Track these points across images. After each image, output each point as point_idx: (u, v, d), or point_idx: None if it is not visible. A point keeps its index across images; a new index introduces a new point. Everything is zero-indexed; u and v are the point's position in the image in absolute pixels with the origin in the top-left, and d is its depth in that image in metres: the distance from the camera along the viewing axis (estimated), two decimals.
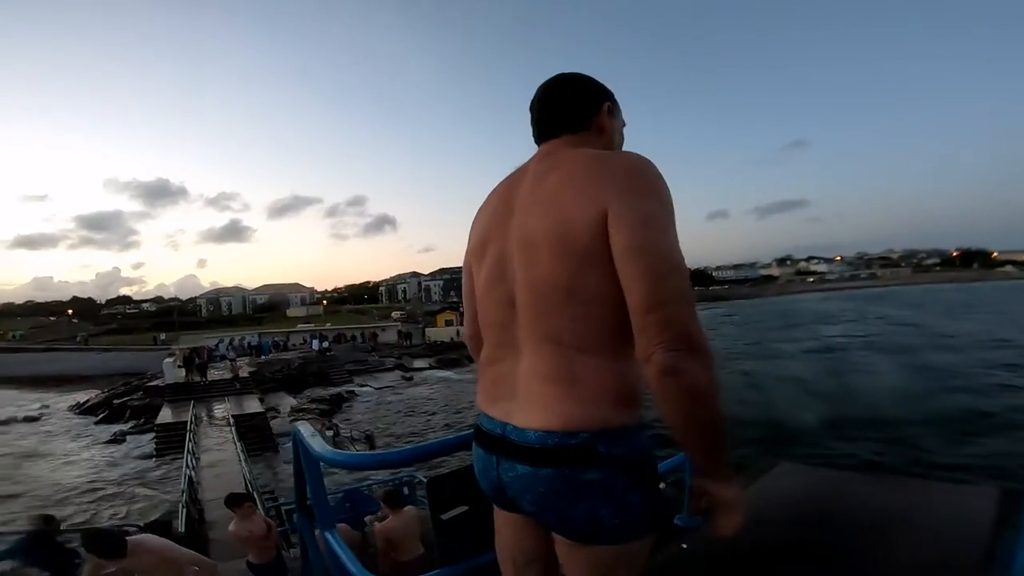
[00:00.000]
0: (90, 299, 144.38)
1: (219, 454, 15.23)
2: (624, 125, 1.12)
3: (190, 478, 11.13)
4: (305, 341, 37.13)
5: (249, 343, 35.33)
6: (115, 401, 26.42)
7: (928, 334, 33.91)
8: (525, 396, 0.94)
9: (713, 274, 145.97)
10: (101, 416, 25.21)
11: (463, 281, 1.20)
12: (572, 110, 1.04)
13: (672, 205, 0.88)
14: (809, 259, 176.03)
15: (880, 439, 12.63)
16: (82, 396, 30.16)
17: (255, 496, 8.76)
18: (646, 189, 0.86)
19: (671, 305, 0.79)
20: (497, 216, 1.04)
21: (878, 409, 15.30)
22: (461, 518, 1.63)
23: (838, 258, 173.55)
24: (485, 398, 1.05)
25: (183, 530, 7.88)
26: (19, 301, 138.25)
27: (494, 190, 1.11)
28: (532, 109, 1.09)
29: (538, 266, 0.92)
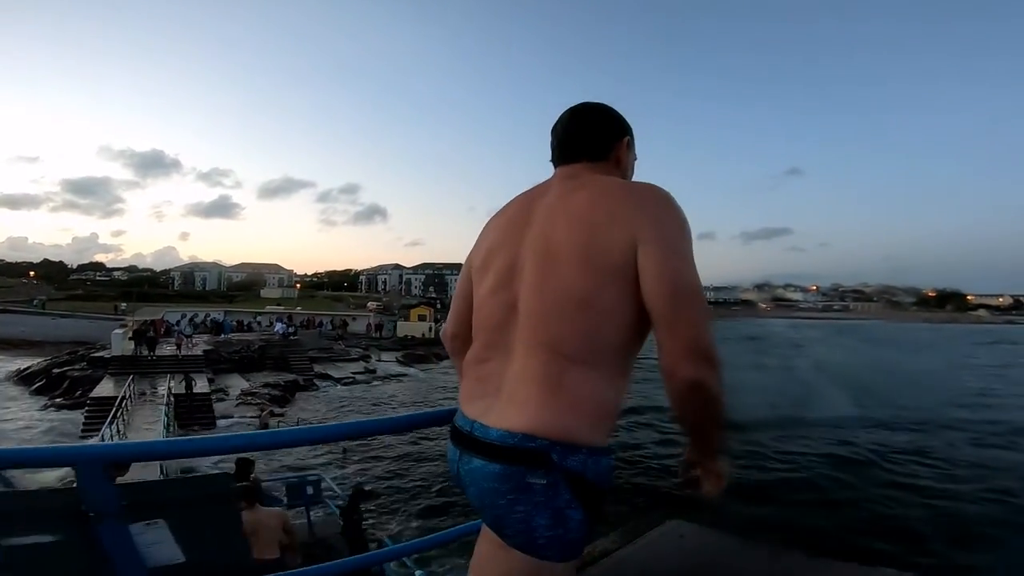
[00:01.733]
0: (61, 263, 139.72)
1: (147, 433, 14.25)
2: (636, 159, 1.17)
3: None
4: (271, 323, 35.78)
5: (213, 320, 33.89)
6: (55, 370, 24.92)
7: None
8: (507, 397, 0.95)
9: None
10: (38, 385, 23.78)
11: (459, 280, 1.20)
12: (595, 138, 1.11)
13: (691, 236, 0.96)
14: (786, 286, 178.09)
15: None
16: (24, 363, 28.50)
17: None
18: (675, 222, 0.95)
19: (697, 327, 0.87)
20: (513, 225, 1.07)
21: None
22: None
23: (813, 288, 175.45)
24: (466, 395, 1.05)
25: None
26: None
27: (512, 200, 1.14)
28: (554, 132, 1.15)
29: (556, 275, 0.95)
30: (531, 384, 0.92)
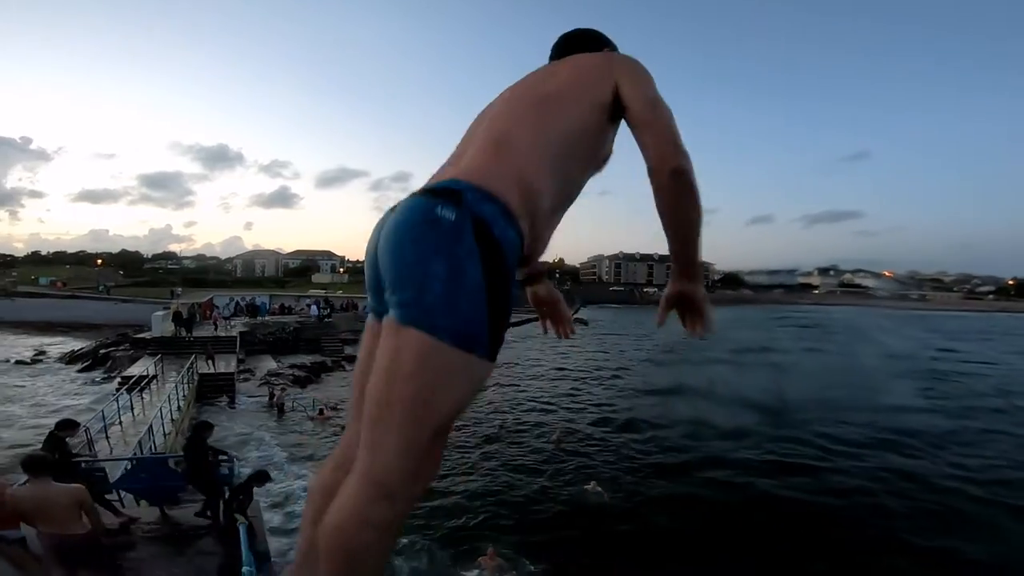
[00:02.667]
0: (137, 252, 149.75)
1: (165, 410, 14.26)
2: None
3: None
4: (308, 307, 36.19)
5: (250, 303, 34.59)
6: (101, 351, 26.05)
7: None
8: (453, 162, 1.01)
9: (745, 278, 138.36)
10: (85, 365, 24.91)
11: None
12: (585, 46, 1.21)
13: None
14: (856, 272, 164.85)
15: None
16: (79, 344, 30.05)
17: None
18: (649, 77, 1.07)
19: (673, 128, 1.00)
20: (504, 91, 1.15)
21: None
22: None
23: (888, 274, 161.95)
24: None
25: None
26: (72, 250, 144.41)
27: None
28: (552, 46, 1.27)
29: (535, 88, 1.07)
30: (476, 152, 0.96)
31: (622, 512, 9.84)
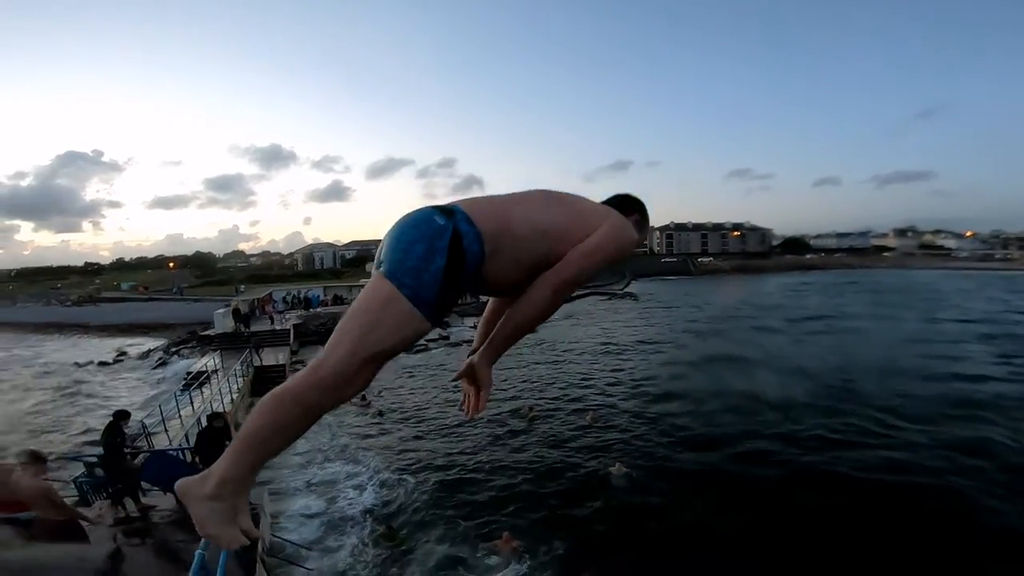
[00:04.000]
0: (210, 253, 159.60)
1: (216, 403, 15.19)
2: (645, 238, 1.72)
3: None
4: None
5: (304, 296, 36.08)
6: (172, 349, 28.03)
7: None
8: (472, 200, 1.29)
9: (811, 242, 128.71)
10: (158, 362, 26.92)
11: None
12: (620, 205, 1.50)
13: (626, 251, 1.35)
14: (936, 232, 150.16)
15: None
16: (154, 343, 32.47)
17: None
18: (617, 238, 1.30)
19: (585, 274, 1.25)
20: None
21: None
22: None
23: (969, 234, 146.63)
24: None
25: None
26: (152, 255, 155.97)
27: None
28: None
29: (560, 197, 1.38)
30: (487, 201, 1.29)
31: (649, 495, 9.49)
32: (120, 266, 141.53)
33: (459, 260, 1.12)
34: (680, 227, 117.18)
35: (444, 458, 12.16)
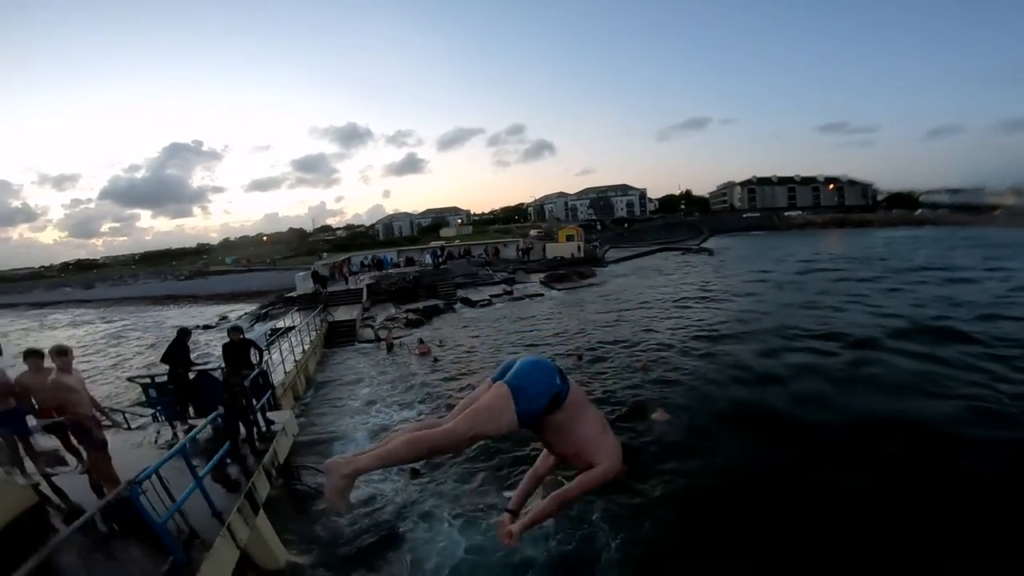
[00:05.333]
0: (301, 229, 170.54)
1: (298, 351, 16.59)
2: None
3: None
4: (424, 256, 38.61)
5: (376, 258, 37.87)
6: (263, 311, 30.73)
7: None
8: None
9: (920, 199, 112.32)
10: (252, 323, 29.68)
11: None
12: None
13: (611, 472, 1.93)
14: None
15: None
16: (249, 308, 35.74)
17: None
18: (608, 474, 1.93)
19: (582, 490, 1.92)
20: None
21: None
22: None
23: None
24: None
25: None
26: (252, 234, 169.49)
27: None
28: None
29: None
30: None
31: (689, 444, 9.09)
32: (227, 245, 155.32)
33: (557, 400, 1.79)
34: (764, 181, 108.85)
35: None
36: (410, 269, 35.73)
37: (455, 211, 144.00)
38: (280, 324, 21.42)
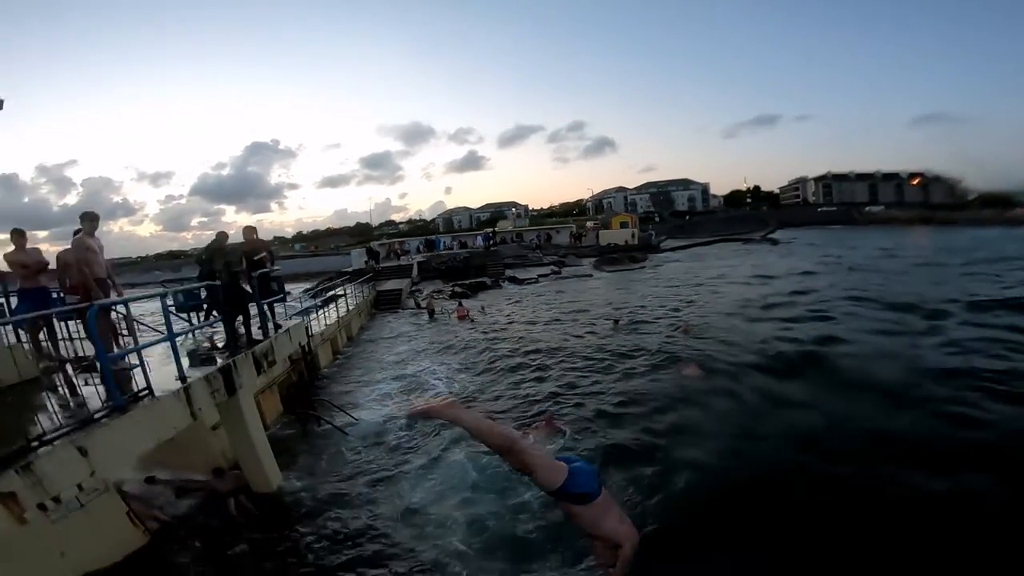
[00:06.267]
0: (367, 224, 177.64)
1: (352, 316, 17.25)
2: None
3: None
4: (476, 239, 38.94)
5: (428, 240, 38.62)
6: (323, 285, 32.16)
7: None
8: None
9: (1020, 198, 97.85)
10: (312, 294, 31.22)
11: None
12: None
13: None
14: None
15: None
16: (310, 285, 37.55)
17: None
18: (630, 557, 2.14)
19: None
20: None
21: None
22: None
23: None
24: None
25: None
26: (323, 228, 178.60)
27: None
28: None
29: None
30: None
31: (719, 399, 8.25)
32: (300, 238, 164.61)
33: (585, 498, 2.11)
34: (840, 177, 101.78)
35: (520, 357, 12.21)
36: (463, 251, 36.15)
37: (513, 205, 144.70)
38: (333, 292, 22.43)
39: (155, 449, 6.44)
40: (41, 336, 5.38)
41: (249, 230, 7.63)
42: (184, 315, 7.53)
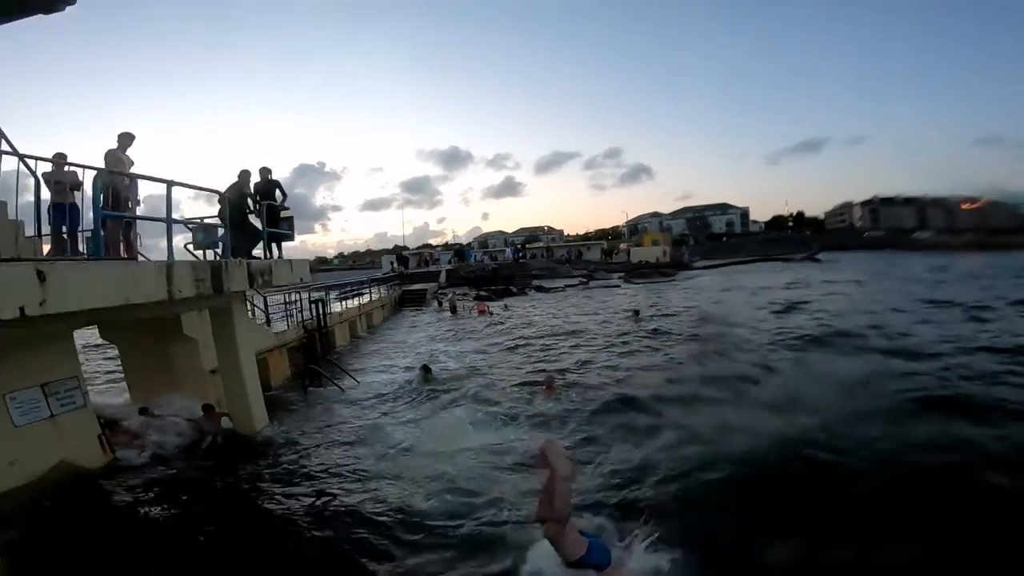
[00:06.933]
0: (405, 246, 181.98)
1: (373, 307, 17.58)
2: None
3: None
4: (505, 251, 39.15)
5: (458, 250, 39.09)
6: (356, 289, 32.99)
7: None
8: None
9: None
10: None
11: None
12: None
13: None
14: None
15: None
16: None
17: None
18: None
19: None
20: None
21: None
22: None
23: None
24: None
25: None
26: (363, 249, 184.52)
27: None
28: None
29: None
30: None
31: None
32: (342, 259, 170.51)
33: (599, 567, 2.56)
34: (887, 201, 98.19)
35: (537, 340, 12.08)
36: (491, 262, 36.38)
37: (549, 230, 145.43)
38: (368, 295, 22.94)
39: (152, 384, 6.59)
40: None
41: (264, 171, 7.81)
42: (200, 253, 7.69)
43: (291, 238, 7.83)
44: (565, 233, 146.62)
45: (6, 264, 3.39)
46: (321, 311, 11.20)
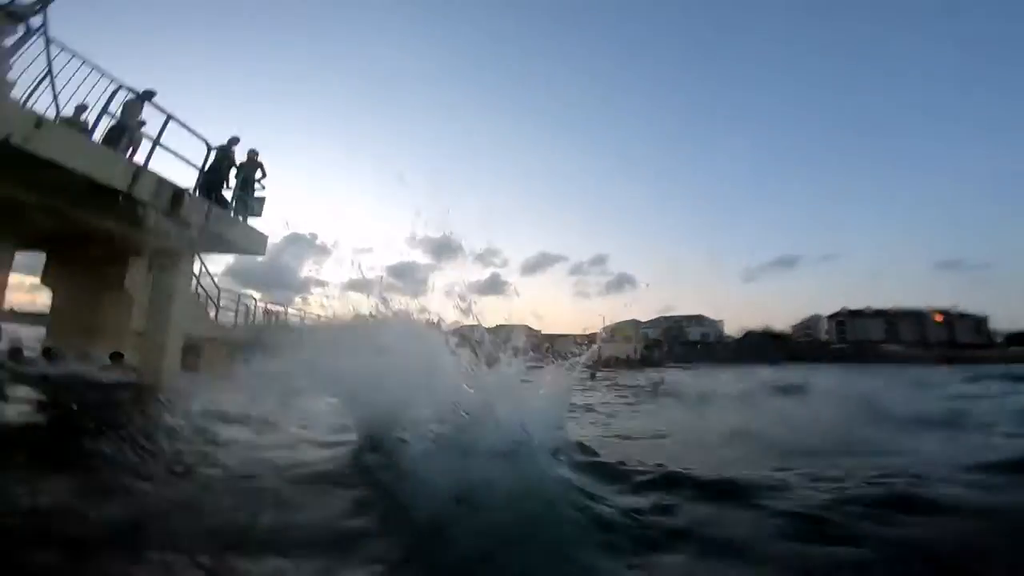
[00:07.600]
0: None
1: None
2: None
3: None
4: None
5: None
6: None
7: None
8: None
9: None
10: None
11: None
12: None
13: None
14: None
15: None
16: None
17: None
18: None
19: None
20: None
21: None
22: None
23: None
24: None
25: None
26: None
27: None
28: None
29: None
30: None
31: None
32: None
33: None
34: (855, 313, 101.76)
35: None
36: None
37: (526, 330, 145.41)
38: None
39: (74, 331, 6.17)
40: None
41: (252, 152, 8.79)
42: None
43: (259, 214, 8.55)
44: (543, 332, 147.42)
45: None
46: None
